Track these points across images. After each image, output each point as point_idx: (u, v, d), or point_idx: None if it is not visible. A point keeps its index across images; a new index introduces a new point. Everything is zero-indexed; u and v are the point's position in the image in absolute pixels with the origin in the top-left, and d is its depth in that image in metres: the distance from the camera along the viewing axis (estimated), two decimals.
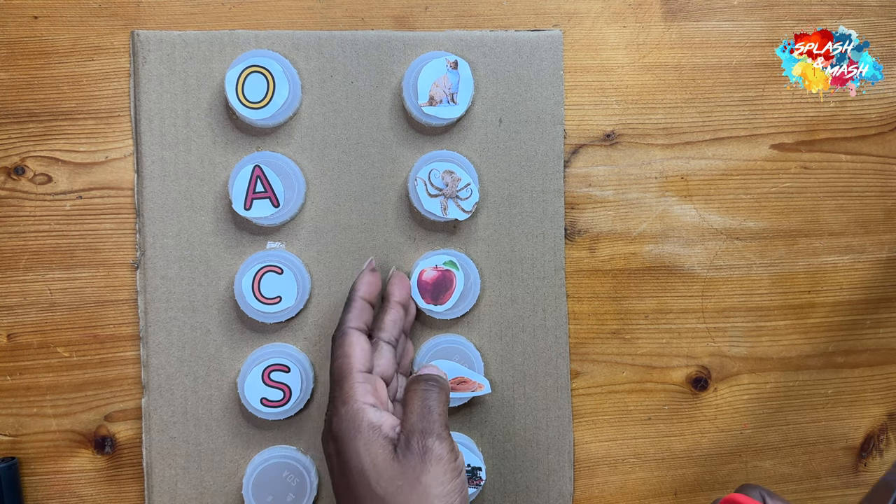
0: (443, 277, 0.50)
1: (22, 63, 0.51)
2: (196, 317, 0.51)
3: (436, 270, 0.50)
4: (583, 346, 0.54)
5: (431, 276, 0.50)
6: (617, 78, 0.54)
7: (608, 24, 0.54)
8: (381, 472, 0.38)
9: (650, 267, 0.55)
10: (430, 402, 0.41)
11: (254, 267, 0.50)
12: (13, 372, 0.51)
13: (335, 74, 0.52)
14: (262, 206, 0.49)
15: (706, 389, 0.55)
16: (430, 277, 0.50)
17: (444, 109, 0.50)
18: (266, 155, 0.51)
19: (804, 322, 0.56)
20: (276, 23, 0.52)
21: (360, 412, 0.40)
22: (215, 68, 0.51)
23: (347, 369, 0.42)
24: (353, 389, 0.41)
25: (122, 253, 0.52)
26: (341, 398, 0.41)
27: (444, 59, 0.50)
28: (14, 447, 0.52)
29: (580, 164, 0.54)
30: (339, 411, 0.40)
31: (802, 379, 0.56)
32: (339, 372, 0.42)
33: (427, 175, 0.50)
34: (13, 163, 0.51)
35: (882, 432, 0.57)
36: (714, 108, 0.55)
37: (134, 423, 0.52)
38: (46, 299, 0.51)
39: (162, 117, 0.51)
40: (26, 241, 0.51)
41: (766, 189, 0.55)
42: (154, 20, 0.51)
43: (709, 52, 0.54)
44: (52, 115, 0.51)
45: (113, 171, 0.51)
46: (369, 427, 0.39)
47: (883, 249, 0.56)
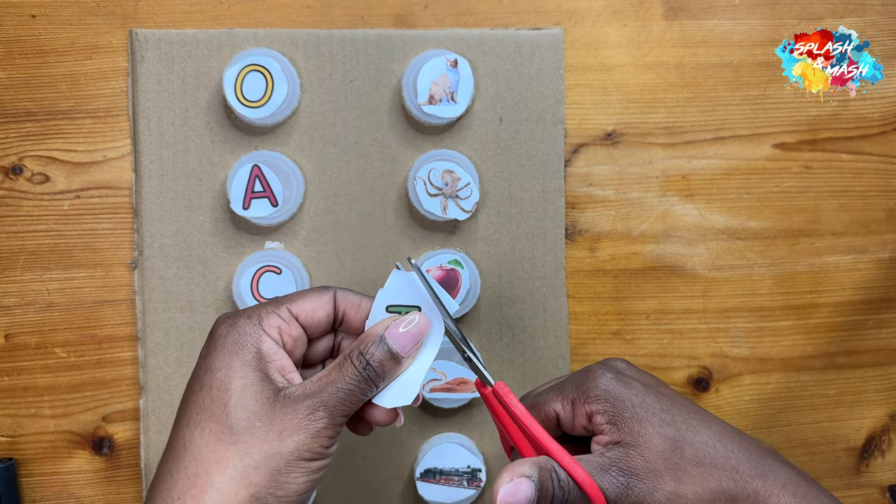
0: (448, 276, 0.50)
1: (20, 62, 0.51)
2: (194, 317, 0.51)
3: (441, 270, 0.50)
4: (583, 346, 0.54)
5: (437, 276, 0.50)
6: (618, 77, 0.54)
7: (609, 23, 0.53)
8: (247, 401, 0.35)
9: (651, 267, 0.54)
10: (351, 385, 0.36)
11: (252, 267, 0.50)
12: (11, 372, 0.51)
13: (334, 73, 0.51)
14: (261, 206, 0.49)
15: (708, 390, 0.55)
16: (436, 277, 0.50)
17: (444, 108, 0.50)
18: (265, 154, 0.51)
19: (806, 322, 0.56)
20: (275, 21, 0.52)
21: (256, 336, 0.36)
22: (214, 67, 0.51)
23: (279, 299, 0.38)
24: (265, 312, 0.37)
25: (119, 253, 0.51)
26: (247, 311, 0.37)
27: (443, 58, 0.50)
28: (12, 448, 0.51)
29: (581, 163, 0.54)
30: (238, 320, 0.37)
31: (804, 379, 0.56)
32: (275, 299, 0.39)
33: (427, 174, 0.50)
34: (11, 162, 0.51)
35: (884, 433, 0.57)
36: (716, 107, 0.54)
37: (132, 424, 0.52)
38: (44, 299, 0.51)
39: (160, 116, 0.51)
40: (24, 240, 0.51)
41: (767, 189, 0.55)
42: (152, 19, 0.51)
43: (710, 51, 0.54)
44: (50, 114, 0.51)
45: (111, 171, 0.51)
46: (256, 354, 0.36)
47: (885, 249, 0.56)
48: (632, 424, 0.37)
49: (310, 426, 0.35)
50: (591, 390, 0.38)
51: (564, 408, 0.39)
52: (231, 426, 0.34)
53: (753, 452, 0.37)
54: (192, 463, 0.34)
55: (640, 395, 0.38)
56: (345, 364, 0.36)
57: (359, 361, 0.36)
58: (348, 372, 0.36)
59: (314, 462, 0.35)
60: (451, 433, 0.53)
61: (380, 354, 0.37)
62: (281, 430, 0.34)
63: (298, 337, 0.38)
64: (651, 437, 0.36)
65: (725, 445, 0.37)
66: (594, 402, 0.38)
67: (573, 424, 0.39)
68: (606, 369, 0.39)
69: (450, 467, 0.50)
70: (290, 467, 0.34)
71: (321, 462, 0.36)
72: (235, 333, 0.36)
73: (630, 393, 0.38)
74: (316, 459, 0.35)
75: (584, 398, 0.38)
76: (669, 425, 0.37)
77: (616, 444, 0.37)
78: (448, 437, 0.52)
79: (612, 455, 0.36)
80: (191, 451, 0.35)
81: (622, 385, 0.38)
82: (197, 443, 0.35)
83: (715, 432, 0.37)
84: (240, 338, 0.36)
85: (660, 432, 0.36)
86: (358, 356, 0.36)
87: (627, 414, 0.37)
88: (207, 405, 0.35)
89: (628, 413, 0.37)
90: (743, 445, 0.37)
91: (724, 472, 0.36)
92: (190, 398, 0.36)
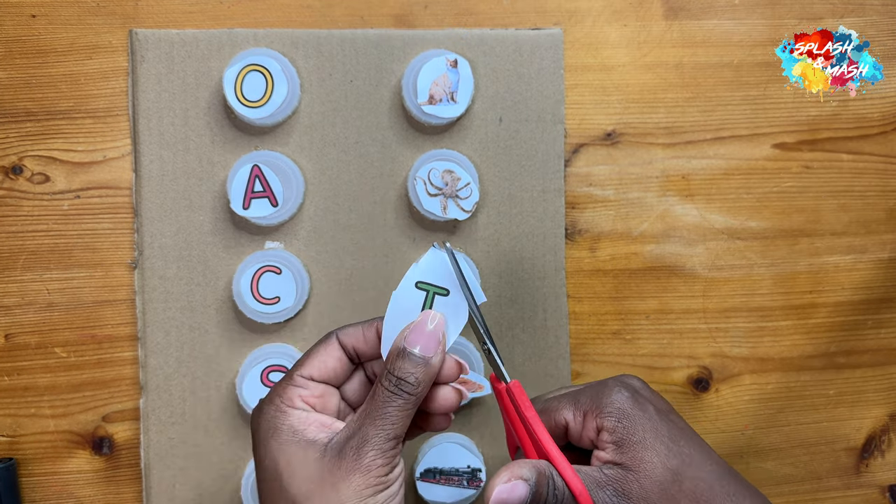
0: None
1: (20, 62, 0.51)
2: (194, 317, 0.51)
3: None
4: (583, 346, 0.54)
5: None
6: (618, 77, 0.54)
7: (609, 23, 0.53)
8: (296, 472, 0.36)
9: (651, 267, 0.54)
10: (388, 408, 0.36)
11: (252, 267, 0.50)
12: (11, 372, 0.51)
13: (334, 73, 0.51)
14: (261, 206, 0.49)
15: (707, 390, 0.55)
16: None
17: (444, 108, 0.50)
18: (265, 154, 0.51)
19: (806, 322, 0.56)
20: (275, 21, 0.52)
21: (282, 415, 0.37)
22: (214, 67, 0.51)
23: (291, 370, 0.39)
24: (282, 389, 0.38)
25: (119, 253, 0.51)
26: (269, 396, 0.38)
27: (443, 58, 0.50)
28: (12, 448, 0.51)
29: (581, 163, 0.54)
30: (262, 408, 0.38)
31: (804, 379, 0.56)
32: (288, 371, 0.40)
33: (427, 174, 0.50)
34: (11, 162, 0.51)
35: (884, 433, 0.57)
36: (715, 107, 0.54)
37: (132, 424, 0.52)
38: (44, 299, 0.51)
39: (160, 116, 0.51)
40: (24, 240, 0.51)
41: (767, 189, 0.55)
42: (152, 19, 0.51)
43: (710, 51, 0.54)
44: (50, 114, 0.51)
45: (111, 171, 0.51)
46: (289, 430, 0.37)
47: (885, 249, 0.56)
48: (637, 450, 0.37)
49: (358, 466, 0.35)
50: (605, 406, 0.38)
51: (576, 418, 0.39)
52: (294, 499, 0.35)
53: (747, 498, 0.37)
54: None
55: (652, 419, 0.38)
56: (377, 390, 0.37)
57: (388, 381, 0.37)
58: (381, 397, 0.36)
59: (381, 494, 0.36)
60: (451, 433, 0.53)
61: (407, 366, 0.37)
62: (334, 482, 0.35)
63: (322, 393, 0.39)
64: (653, 466, 0.36)
65: (723, 486, 0.37)
66: (606, 418, 0.37)
67: (581, 436, 0.39)
68: (623, 386, 0.39)
69: (450, 467, 0.50)
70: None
71: (389, 491, 0.36)
72: (265, 423, 0.37)
73: (643, 416, 0.38)
74: (380, 491, 0.36)
75: (597, 412, 0.38)
76: (675, 456, 0.37)
77: (617, 465, 0.37)
78: (448, 437, 0.52)
79: (610, 473, 0.37)
80: None
81: (636, 406, 0.38)
82: None
83: (716, 471, 0.37)
84: (269, 424, 0.37)
85: (663, 462, 0.36)
86: (387, 376, 0.37)
87: (636, 438, 0.37)
88: (270, 492, 0.36)
89: (637, 437, 0.37)
90: (738, 489, 0.37)
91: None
92: (261, 496, 0.38)
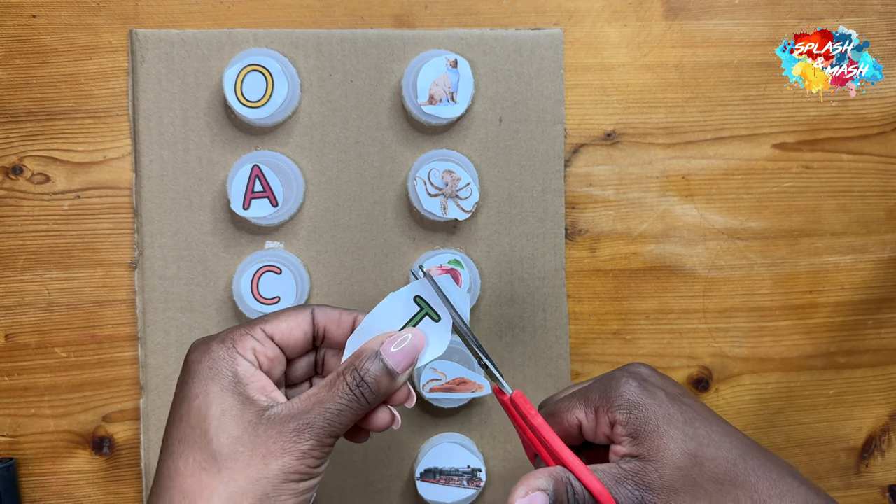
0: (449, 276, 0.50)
1: (20, 62, 0.51)
2: (194, 317, 0.51)
3: (441, 270, 0.50)
4: (583, 346, 0.54)
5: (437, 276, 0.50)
6: (618, 77, 0.54)
7: (609, 23, 0.53)
8: (227, 426, 0.34)
9: (651, 267, 0.54)
10: (342, 403, 0.35)
11: (252, 267, 0.50)
12: (11, 372, 0.51)
13: (334, 73, 0.51)
14: (261, 206, 0.49)
15: (707, 390, 0.55)
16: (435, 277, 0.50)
17: (444, 108, 0.50)
18: (265, 154, 0.51)
19: (806, 322, 0.56)
20: (275, 21, 0.52)
21: (231, 360, 0.35)
22: (214, 67, 0.51)
23: (254, 321, 0.37)
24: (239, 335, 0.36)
25: (119, 253, 0.51)
26: (220, 336, 0.36)
27: (443, 58, 0.50)
28: (12, 448, 0.51)
29: (581, 163, 0.54)
30: (211, 345, 0.36)
31: (804, 379, 0.56)
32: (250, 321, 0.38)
33: (427, 174, 0.50)
34: (11, 162, 0.51)
35: (884, 433, 0.57)
36: (715, 107, 0.54)
37: (132, 424, 0.52)
38: (44, 299, 0.51)
39: (160, 116, 0.51)
40: (24, 240, 0.51)
41: (767, 189, 0.55)
42: (152, 19, 0.51)
43: (710, 51, 0.54)
44: (50, 114, 0.51)
45: (111, 171, 0.51)
46: (233, 378, 0.35)
47: (885, 249, 0.56)
48: (652, 438, 0.36)
49: (295, 448, 0.34)
50: (615, 399, 0.37)
51: (588, 416, 0.38)
52: (214, 454, 0.34)
53: (773, 471, 0.36)
54: (177, 494, 0.34)
55: (663, 405, 0.37)
56: (336, 382, 0.36)
57: (352, 378, 0.36)
58: (340, 390, 0.35)
59: (302, 483, 0.34)
60: (451, 433, 0.53)
61: (375, 370, 0.36)
62: (265, 454, 0.34)
63: (275, 357, 0.37)
64: (671, 453, 0.36)
65: (746, 462, 0.36)
66: (617, 411, 0.37)
67: (596, 433, 0.38)
68: (630, 376, 0.38)
69: (450, 467, 0.50)
70: (277, 490, 0.34)
71: (310, 482, 0.35)
72: (209, 359, 0.35)
73: (654, 403, 0.37)
74: (304, 480, 0.34)
75: (608, 406, 0.37)
76: (692, 440, 0.36)
77: (634, 458, 0.36)
78: (448, 437, 0.52)
79: (628, 467, 0.36)
80: (176, 482, 0.34)
81: (646, 394, 0.37)
82: (181, 473, 0.34)
83: (736, 447, 0.37)
84: (214, 363, 0.35)
85: (680, 448, 0.36)
86: (352, 372, 0.36)
87: (650, 427, 0.36)
88: (188, 434, 0.34)
89: (651, 426, 0.36)
90: (762, 462, 0.37)
91: (742, 490, 0.35)
92: (171, 429, 0.35)
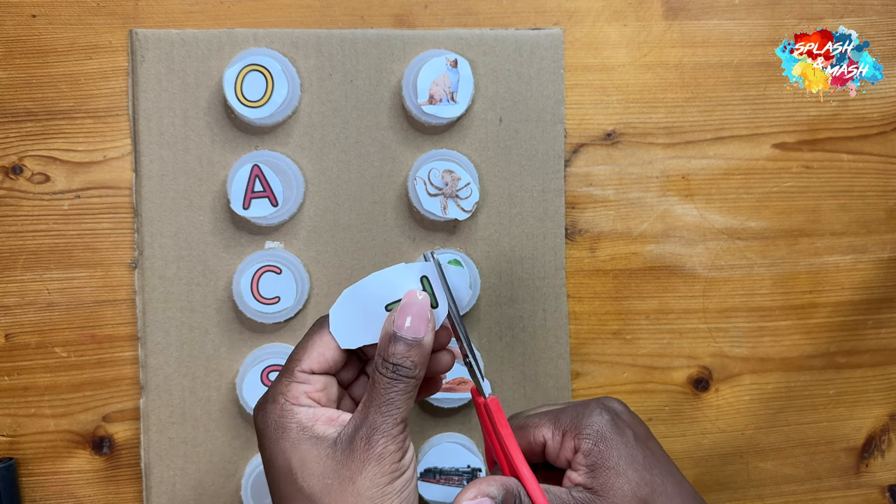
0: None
1: (20, 62, 0.51)
2: (194, 317, 0.51)
3: None
4: (583, 346, 0.54)
5: None
6: (618, 77, 0.54)
7: (609, 23, 0.53)
8: (310, 469, 0.35)
9: (651, 267, 0.54)
10: (391, 394, 0.36)
11: (252, 267, 0.50)
12: (11, 372, 0.51)
13: (334, 73, 0.51)
14: (261, 206, 0.49)
15: (707, 390, 0.55)
16: None
17: (444, 108, 0.50)
18: (265, 154, 0.51)
19: (806, 322, 0.56)
20: (275, 21, 0.52)
21: (289, 413, 0.36)
22: (214, 67, 0.51)
23: (289, 364, 0.38)
24: (285, 387, 0.37)
25: (119, 252, 0.51)
26: (271, 396, 0.37)
27: (443, 58, 0.50)
28: (12, 448, 0.51)
29: (581, 163, 0.54)
30: (266, 408, 0.37)
31: (804, 379, 0.56)
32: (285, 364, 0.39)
33: (427, 174, 0.50)
34: (11, 162, 0.51)
35: (884, 433, 0.57)
36: (715, 107, 0.54)
37: (132, 424, 0.52)
38: (44, 299, 0.51)
39: (160, 116, 0.51)
40: (24, 240, 0.51)
41: (767, 189, 0.55)
42: (152, 19, 0.51)
43: (710, 51, 0.54)
44: (50, 114, 0.51)
45: (111, 171, 0.51)
46: (298, 428, 0.36)
47: (885, 249, 0.56)
48: (609, 475, 0.37)
49: (371, 455, 0.35)
50: (584, 427, 0.38)
51: (554, 437, 0.39)
52: (310, 497, 0.35)
53: None
54: None
55: (629, 445, 0.38)
56: (375, 378, 0.37)
57: (385, 369, 0.36)
58: (381, 384, 0.36)
59: (397, 481, 0.35)
60: (451, 433, 0.53)
61: (401, 350, 0.37)
62: (351, 476, 0.35)
63: (325, 385, 0.38)
64: (623, 493, 0.37)
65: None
66: (584, 440, 0.38)
67: (558, 455, 0.39)
68: (604, 409, 0.39)
69: (450, 467, 0.50)
70: (378, 500, 0.35)
71: (404, 477, 0.36)
72: (273, 422, 0.37)
73: (620, 441, 0.38)
74: (397, 478, 0.35)
75: (576, 433, 0.38)
76: (647, 485, 0.37)
77: (587, 489, 0.37)
78: (448, 437, 0.52)
79: (579, 496, 0.37)
80: None
81: (615, 430, 0.38)
82: None
83: (686, 502, 0.38)
84: (277, 424, 0.37)
85: (634, 490, 0.37)
86: (383, 364, 0.37)
87: (610, 463, 0.37)
88: (285, 491, 0.36)
89: (611, 462, 0.37)
90: None
91: None
92: (275, 495, 0.37)
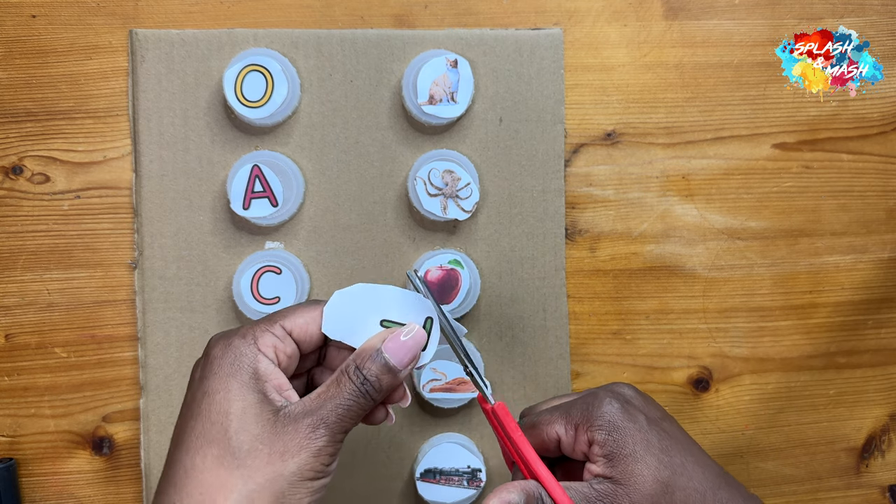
0: (448, 276, 0.50)
1: (20, 62, 0.51)
2: (194, 317, 0.51)
3: (441, 270, 0.50)
4: (583, 346, 0.54)
5: (437, 276, 0.50)
6: (618, 77, 0.54)
7: (609, 23, 0.53)
8: (247, 424, 0.34)
9: (651, 267, 0.54)
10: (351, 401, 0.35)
11: (252, 267, 0.50)
12: (11, 372, 0.51)
13: (334, 73, 0.51)
14: (261, 206, 0.49)
15: (707, 390, 0.55)
16: (435, 277, 0.50)
17: (444, 108, 0.50)
18: (265, 154, 0.51)
19: (806, 322, 0.56)
20: (275, 21, 0.52)
21: (251, 356, 0.35)
22: (214, 67, 0.51)
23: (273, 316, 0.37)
24: (260, 332, 0.36)
25: (119, 253, 0.51)
26: (241, 331, 0.36)
27: (443, 58, 0.50)
28: (12, 448, 0.51)
29: (581, 163, 0.54)
30: (232, 340, 0.36)
31: (804, 379, 0.56)
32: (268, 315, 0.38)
33: (427, 174, 0.50)
34: (11, 162, 0.51)
35: (884, 433, 0.57)
36: (715, 107, 0.54)
37: (132, 424, 0.52)
38: (44, 299, 0.51)
39: (160, 116, 0.51)
40: (24, 240, 0.51)
41: (767, 189, 0.55)
42: (152, 19, 0.51)
43: (710, 51, 0.54)
44: (50, 114, 0.51)
45: (111, 171, 0.51)
46: (254, 375, 0.35)
47: (885, 249, 0.56)
48: (627, 463, 0.37)
49: (311, 445, 0.34)
50: (596, 418, 0.38)
51: (567, 432, 0.39)
52: (233, 450, 0.34)
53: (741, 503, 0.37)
54: (195, 490, 0.34)
55: (642, 430, 0.38)
56: (342, 380, 0.36)
57: (356, 377, 0.36)
58: (346, 388, 0.36)
59: (317, 481, 0.35)
60: (451, 433, 0.53)
61: (377, 369, 0.36)
62: (283, 451, 0.34)
63: (292, 354, 0.37)
64: (643, 479, 0.36)
65: (715, 494, 0.37)
66: (597, 431, 0.38)
67: (574, 449, 0.39)
68: (614, 397, 0.39)
69: (450, 467, 0.50)
70: (293, 488, 0.34)
71: (323, 480, 0.35)
72: (231, 354, 0.36)
73: (633, 427, 0.38)
74: (318, 478, 0.35)
75: (588, 425, 0.38)
76: (666, 468, 0.37)
77: (607, 479, 0.37)
78: (448, 437, 0.52)
79: (600, 488, 0.37)
80: (193, 477, 0.34)
81: (627, 417, 0.38)
82: (199, 468, 0.34)
83: (708, 479, 0.37)
84: (236, 359, 0.35)
85: (654, 475, 0.36)
86: (355, 371, 0.36)
87: (626, 451, 0.37)
88: (207, 430, 0.35)
89: (627, 450, 0.37)
90: (733, 494, 0.38)
91: None
92: (188, 423, 0.35)
